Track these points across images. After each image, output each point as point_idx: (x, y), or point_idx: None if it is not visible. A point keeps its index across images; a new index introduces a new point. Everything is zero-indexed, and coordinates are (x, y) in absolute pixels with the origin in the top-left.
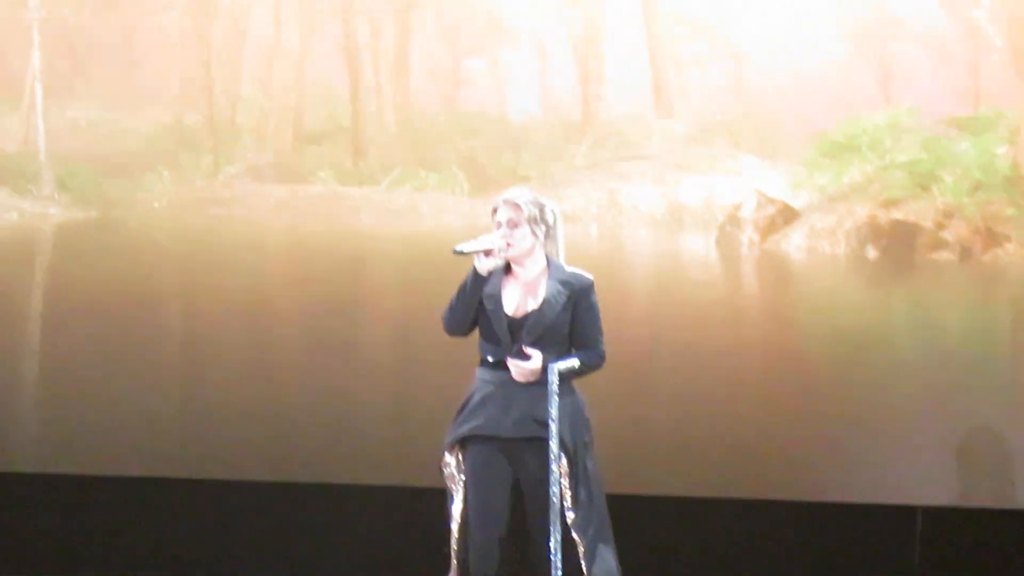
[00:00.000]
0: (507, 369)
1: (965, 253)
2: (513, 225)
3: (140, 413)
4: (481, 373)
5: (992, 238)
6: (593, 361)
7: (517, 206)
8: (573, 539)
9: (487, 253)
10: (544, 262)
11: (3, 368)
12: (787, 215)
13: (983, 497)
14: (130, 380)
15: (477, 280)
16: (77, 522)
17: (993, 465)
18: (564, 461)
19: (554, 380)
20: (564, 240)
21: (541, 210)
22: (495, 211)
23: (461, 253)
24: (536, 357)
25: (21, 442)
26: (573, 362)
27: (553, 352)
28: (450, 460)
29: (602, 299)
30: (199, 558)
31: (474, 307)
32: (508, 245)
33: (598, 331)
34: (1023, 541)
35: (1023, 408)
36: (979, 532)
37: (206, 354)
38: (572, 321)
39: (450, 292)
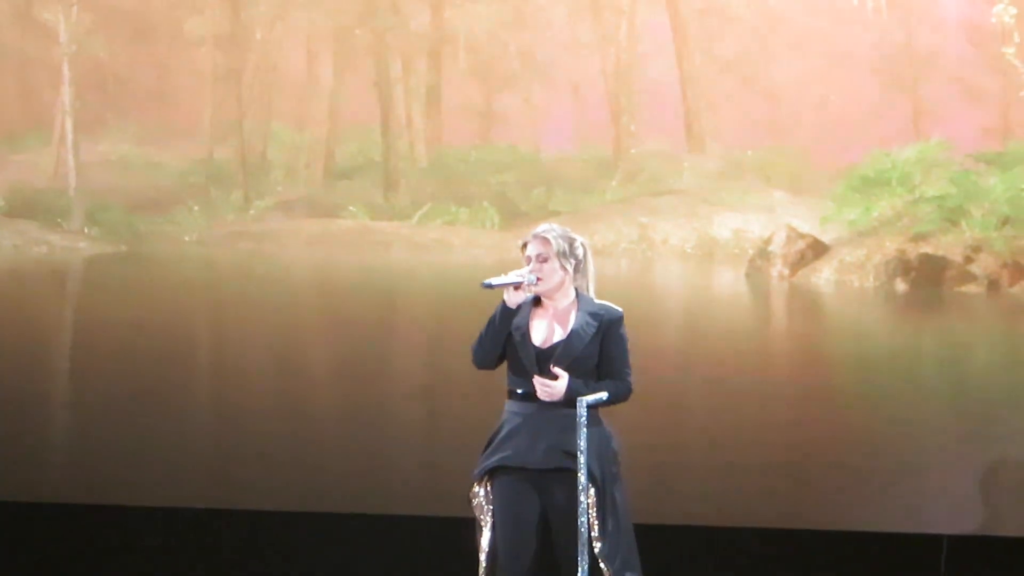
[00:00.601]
0: (536, 401)
1: (993, 286)
2: (543, 259)
3: (170, 444)
4: (510, 405)
5: (1019, 271)
6: (620, 393)
7: (547, 241)
8: (601, 569)
9: (516, 287)
10: (573, 295)
11: (33, 399)
12: (817, 249)
13: (1007, 526)
14: (160, 412)
15: (506, 313)
16: (106, 552)
17: (1017, 494)
18: (592, 492)
19: (583, 412)
20: (595, 274)
21: (571, 244)
22: (525, 246)
23: (490, 287)
24: (563, 377)
25: (51, 473)
26: (602, 394)
27: (582, 383)
28: (479, 491)
29: (632, 332)
30: None
31: (502, 340)
32: (538, 280)
33: (626, 363)
34: None
35: None
36: (1003, 560)
37: (236, 387)
38: (600, 352)
39: (480, 325)
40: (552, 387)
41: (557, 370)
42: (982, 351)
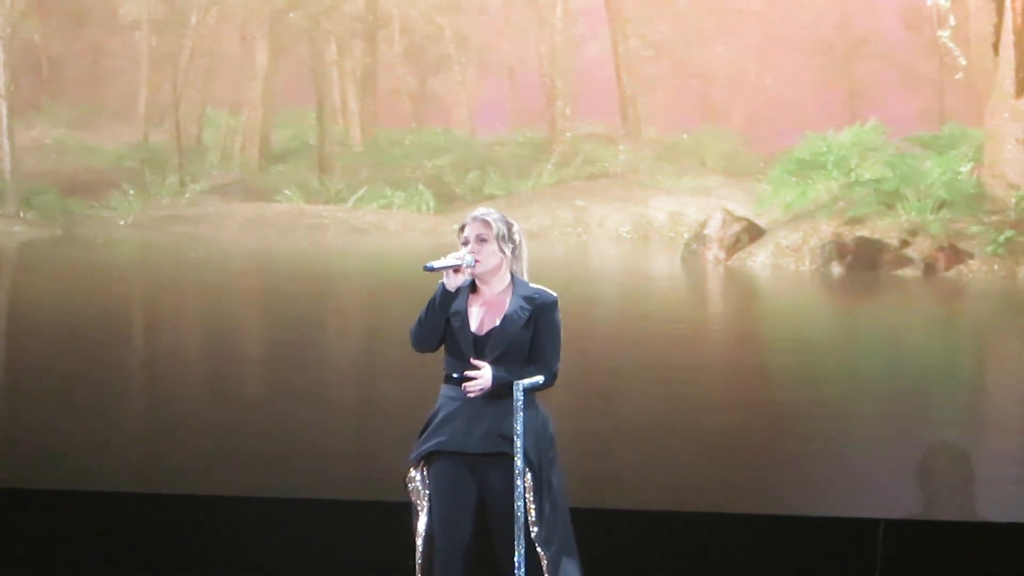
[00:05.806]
0: None
1: (929, 269)
2: (482, 240)
3: (104, 429)
4: (446, 390)
5: (955, 255)
6: (545, 379)
7: (487, 223)
8: (537, 554)
9: (456, 270)
10: (509, 280)
11: None
12: (752, 233)
13: (944, 510)
14: (94, 396)
15: (446, 296)
16: (37, 537)
17: (954, 478)
18: (529, 476)
19: (519, 396)
20: (528, 258)
21: (509, 229)
22: (462, 228)
23: (432, 270)
24: (485, 367)
25: None
26: (538, 378)
27: (516, 368)
28: (415, 475)
29: (568, 316)
30: (160, 573)
31: (442, 323)
32: (476, 262)
33: (555, 349)
34: (983, 553)
35: (984, 422)
36: (940, 544)
37: (170, 371)
38: (531, 336)
39: (415, 309)
40: (478, 382)
41: (477, 362)
42: (918, 335)
